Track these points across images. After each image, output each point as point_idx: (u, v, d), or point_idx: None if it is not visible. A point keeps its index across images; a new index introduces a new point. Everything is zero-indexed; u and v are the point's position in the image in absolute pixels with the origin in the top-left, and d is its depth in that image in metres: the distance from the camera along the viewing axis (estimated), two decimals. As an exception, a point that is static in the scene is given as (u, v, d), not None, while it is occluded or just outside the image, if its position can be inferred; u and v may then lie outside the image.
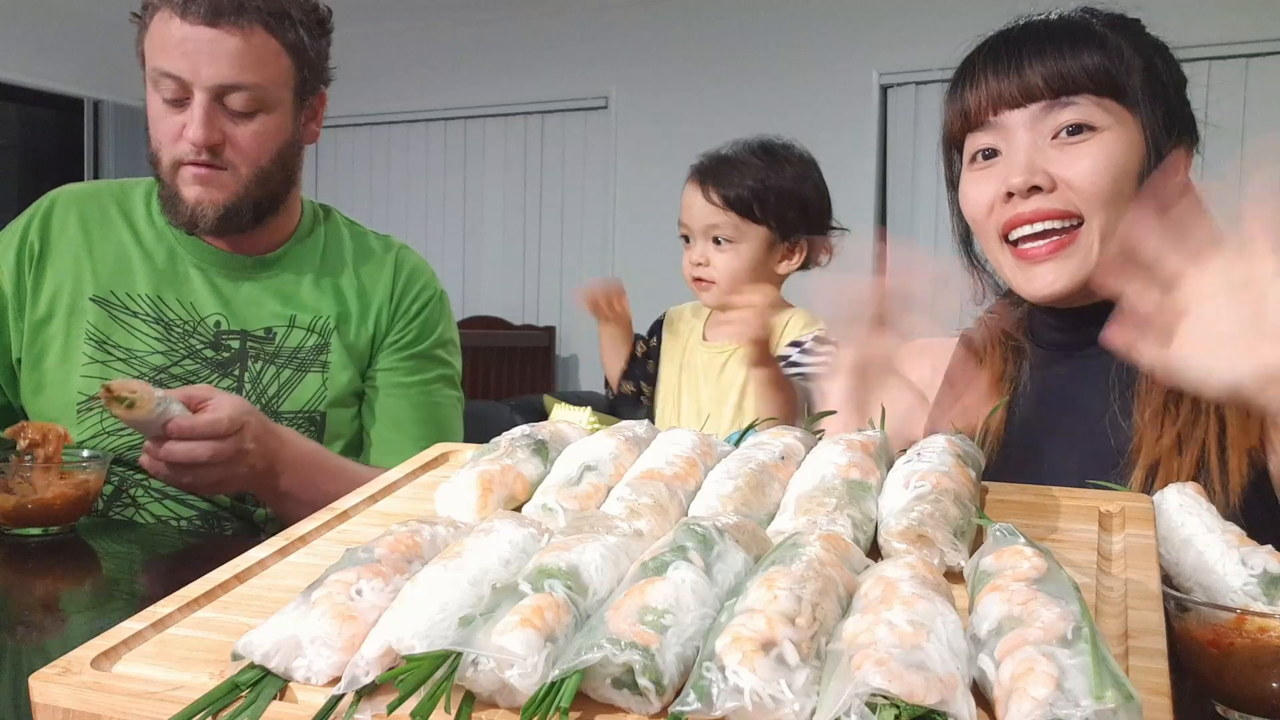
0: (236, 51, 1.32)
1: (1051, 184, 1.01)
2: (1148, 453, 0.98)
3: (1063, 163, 1.01)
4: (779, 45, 4.98)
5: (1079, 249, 1.01)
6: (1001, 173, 1.04)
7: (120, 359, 1.40)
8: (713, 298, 1.82)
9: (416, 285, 1.54)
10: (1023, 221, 1.03)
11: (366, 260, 1.53)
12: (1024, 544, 0.60)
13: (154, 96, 1.36)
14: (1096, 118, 1.01)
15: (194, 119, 1.32)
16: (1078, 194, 1.00)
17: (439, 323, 1.55)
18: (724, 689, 0.48)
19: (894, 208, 4.91)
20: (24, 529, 1.19)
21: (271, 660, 0.55)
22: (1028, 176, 1.00)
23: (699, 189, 1.79)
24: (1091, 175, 1.00)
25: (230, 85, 1.32)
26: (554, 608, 0.53)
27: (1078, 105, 1.01)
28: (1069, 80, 1.01)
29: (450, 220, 5.85)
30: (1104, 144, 1.00)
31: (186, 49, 1.30)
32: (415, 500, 0.86)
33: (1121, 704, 0.45)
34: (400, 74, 5.80)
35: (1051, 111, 1.01)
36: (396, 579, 0.60)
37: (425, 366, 1.52)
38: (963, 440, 0.80)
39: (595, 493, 0.76)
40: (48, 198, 1.48)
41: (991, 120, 1.05)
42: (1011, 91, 1.03)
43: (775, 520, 0.71)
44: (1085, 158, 1.00)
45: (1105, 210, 1.00)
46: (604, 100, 5.41)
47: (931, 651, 0.48)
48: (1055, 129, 1.01)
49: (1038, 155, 1.01)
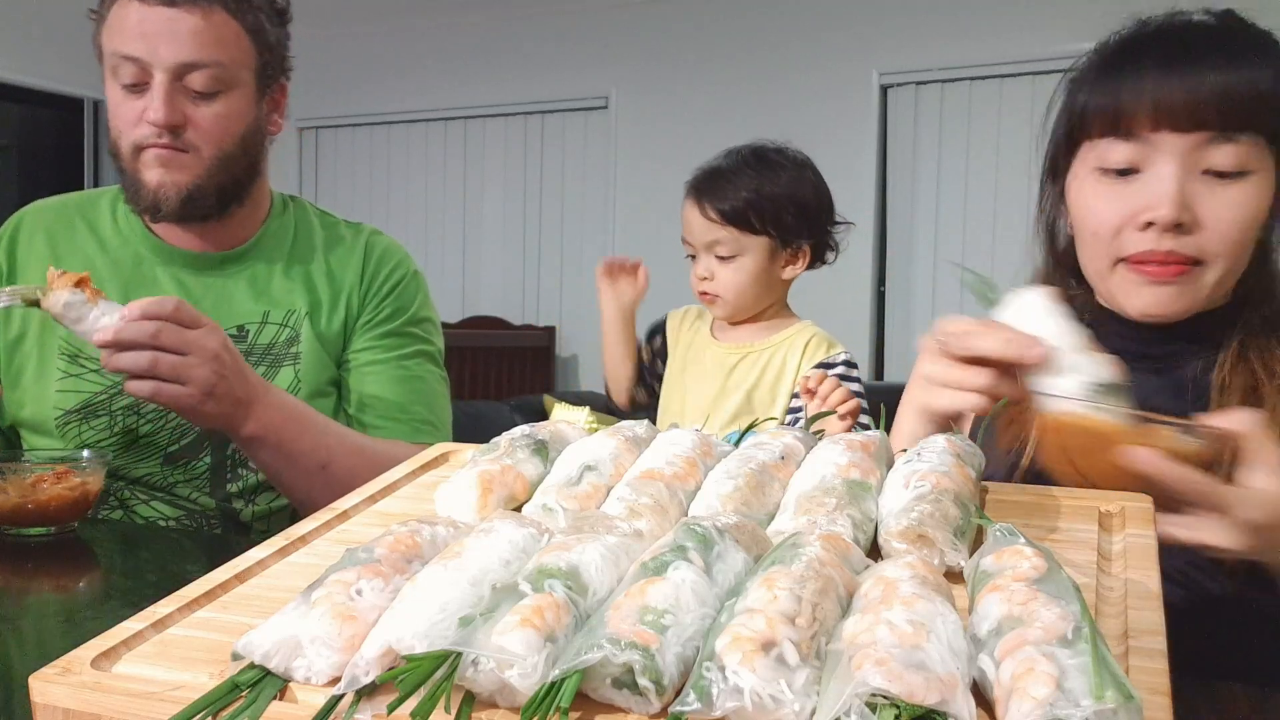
0: (196, 30, 1.30)
1: (1193, 224, 0.95)
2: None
3: (1209, 204, 0.95)
4: (779, 45, 4.99)
5: (1195, 282, 0.98)
6: (1142, 198, 0.96)
7: (94, 370, 1.39)
8: (721, 311, 1.83)
9: (387, 265, 1.52)
10: (1155, 260, 0.97)
11: (336, 247, 1.51)
12: (1024, 544, 0.60)
13: (113, 85, 1.34)
14: (1250, 161, 0.94)
15: (154, 99, 1.30)
16: (1213, 238, 0.95)
17: (413, 300, 1.52)
18: (724, 689, 0.48)
19: (894, 208, 4.91)
20: (23, 529, 1.19)
21: (271, 660, 0.55)
22: (1178, 213, 0.94)
23: (696, 205, 1.79)
24: (1235, 224, 0.95)
25: (190, 64, 1.30)
26: (554, 608, 0.53)
27: (1239, 145, 0.93)
28: (1243, 113, 0.92)
29: (450, 220, 5.85)
30: (1249, 191, 0.95)
31: (145, 30, 1.29)
32: (415, 500, 0.86)
33: (1121, 704, 0.45)
34: (400, 74, 5.80)
35: (1213, 145, 0.94)
36: (396, 579, 0.60)
37: (401, 343, 1.49)
38: (963, 440, 0.80)
39: (595, 493, 0.76)
40: (14, 218, 1.47)
41: (1147, 137, 0.95)
42: (1180, 114, 0.93)
43: (775, 520, 0.71)
44: (1234, 206, 0.94)
45: (1230, 257, 0.97)
46: (604, 100, 5.41)
47: (931, 651, 0.48)
48: (1209, 165, 0.94)
49: (1188, 189, 0.94)
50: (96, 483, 1.24)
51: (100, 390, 1.39)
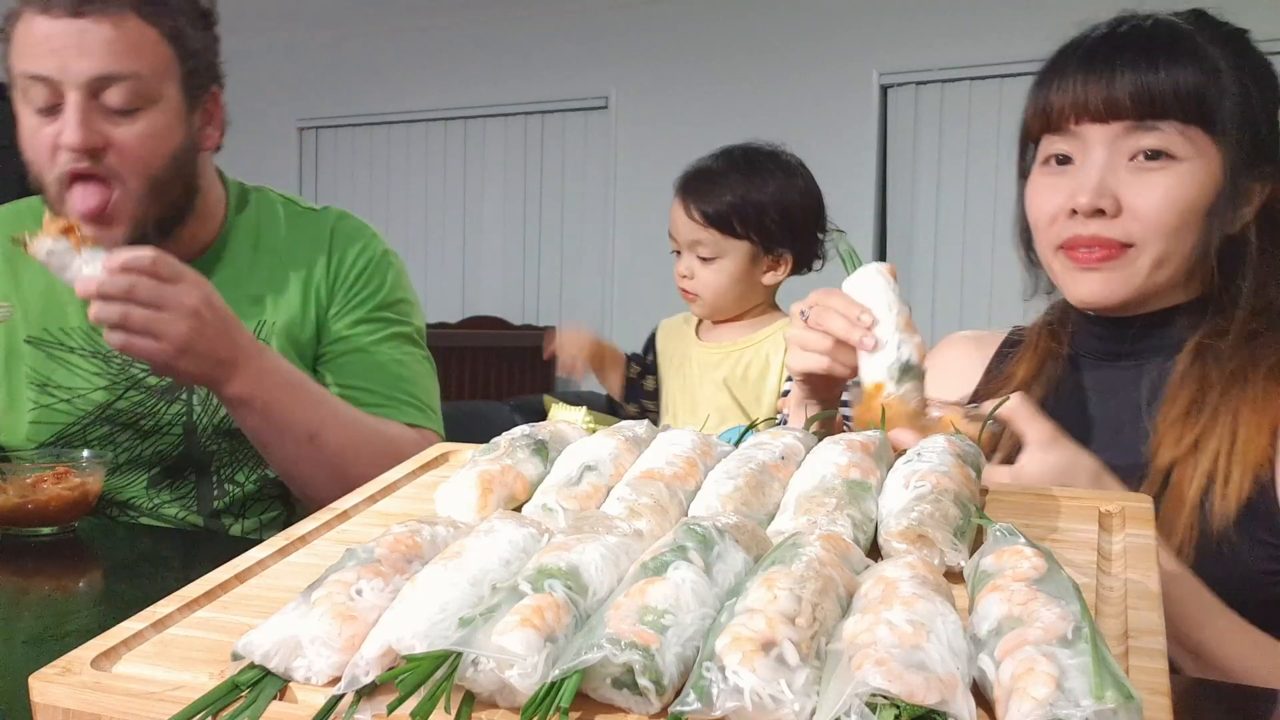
0: (108, 40, 1.19)
1: (1117, 209, 0.99)
2: (1166, 453, 0.99)
3: (1134, 189, 0.99)
4: (779, 45, 4.99)
5: (1127, 266, 1.01)
6: (1070, 186, 1.01)
7: (64, 400, 1.35)
8: (700, 309, 1.84)
9: (353, 250, 1.44)
10: (1080, 244, 1.01)
11: (301, 238, 1.43)
12: (1024, 544, 0.59)
13: (24, 110, 1.23)
14: (1178, 146, 0.98)
15: (68, 120, 1.19)
16: (1140, 223, 0.99)
17: (384, 283, 1.45)
18: (724, 689, 0.48)
19: (894, 208, 4.91)
20: (23, 529, 1.19)
21: (271, 660, 0.55)
22: (1095, 199, 0.98)
23: (681, 204, 1.79)
24: (1159, 208, 0.98)
25: (104, 77, 1.19)
26: (554, 608, 0.53)
27: (1161, 131, 0.98)
28: (1158, 102, 0.97)
29: (450, 220, 5.85)
30: (1180, 176, 0.98)
31: (53, 45, 1.18)
32: (415, 500, 0.86)
33: (1121, 704, 0.45)
34: (400, 74, 5.80)
35: (1134, 133, 0.98)
36: (396, 579, 0.60)
37: (375, 329, 1.42)
38: (963, 440, 0.80)
39: (595, 493, 0.76)
40: None
41: (1072, 129, 1.02)
42: (1097, 105, 0.99)
43: (775, 520, 0.71)
44: (1158, 188, 0.98)
45: (1164, 241, 0.99)
46: (604, 100, 5.41)
47: (931, 651, 0.48)
48: (1134, 151, 0.99)
49: (1110, 176, 0.99)
50: (96, 483, 1.24)
51: (74, 421, 1.36)
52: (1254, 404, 0.98)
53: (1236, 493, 0.95)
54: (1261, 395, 0.98)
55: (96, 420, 1.35)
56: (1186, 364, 1.02)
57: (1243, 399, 0.98)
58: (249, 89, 6.16)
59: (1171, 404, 1.01)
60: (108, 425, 1.36)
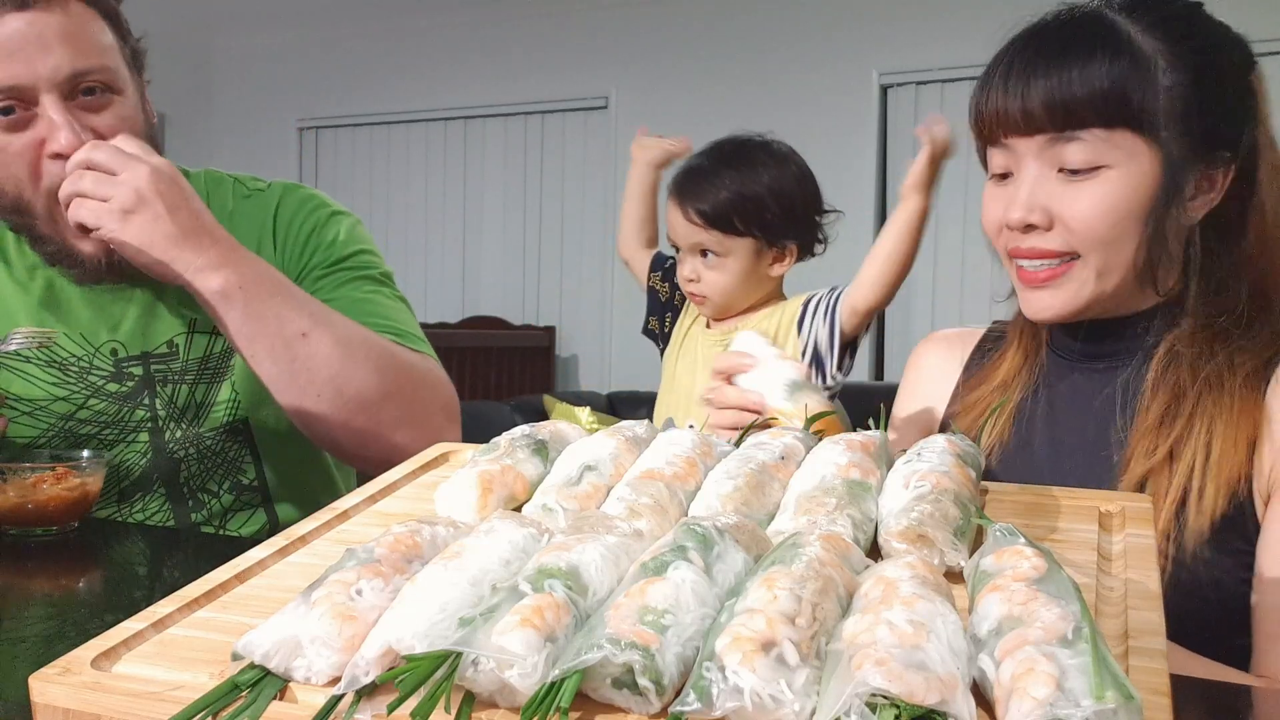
0: (64, 32, 1.11)
1: (1049, 222, 0.98)
2: (1139, 465, 0.98)
3: (1063, 201, 0.97)
4: (779, 45, 4.99)
5: (1073, 280, 0.99)
6: (1006, 199, 1.01)
7: (25, 412, 1.29)
8: (710, 310, 1.83)
9: (300, 216, 1.35)
10: (1020, 255, 1.01)
11: (248, 218, 1.34)
12: (1024, 544, 0.60)
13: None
14: (1103, 155, 0.95)
15: (55, 125, 1.12)
16: (1075, 235, 0.97)
17: (335, 238, 1.35)
18: (724, 689, 0.48)
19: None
20: (23, 529, 1.19)
21: (271, 660, 0.55)
22: (1024, 215, 0.97)
23: (679, 207, 1.78)
24: (1089, 218, 0.96)
25: (76, 73, 1.12)
26: (554, 608, 0.53)
27: (1083, 141, 0.95)
28: (1074, 113, 0.94)
29: (450, 220, 5.85)
30: (1107, 184, 0.95)
31: (10, 48, 1.10)
32: (415, 500, 0.86)
33: (1122, 704, 0.45)
34: (400, 74, 5.80)
35: (1057, 144, 0.96)
36: (396, 579, 0.60)
37: (334, 280, 1.32)
38: (963, 440, 0.80)
39: (595, 493, 0.76)
40: None
41: (1003, 142, 1.00)
42: (1015, 119, 0.97)
43: (775, 520, 0.71)
44: (1084, 199, 0.96)
45: (1103, 249, 0.97)
46: (604, 100, 5.41)
47: (931, 651, 0.48)
48: (1060, 164, 0.97)
49: (1040, 189, 0.97)
50: (96, 483, 1.24)
51: (38, 434, 1.31)
52: (1229, 415, 0.95)
53: (1211, 508, 0.93)
54: (1237, 406, 0.96)
55: (60, 432, 1.31)
56: (1159, 369, 1.00)
57: (1218, 408, 0.96)
58: (249, 89, 6.20)
59: (1145, 412, 1.00)
60: (71, 437, 1.31)
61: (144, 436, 1.34)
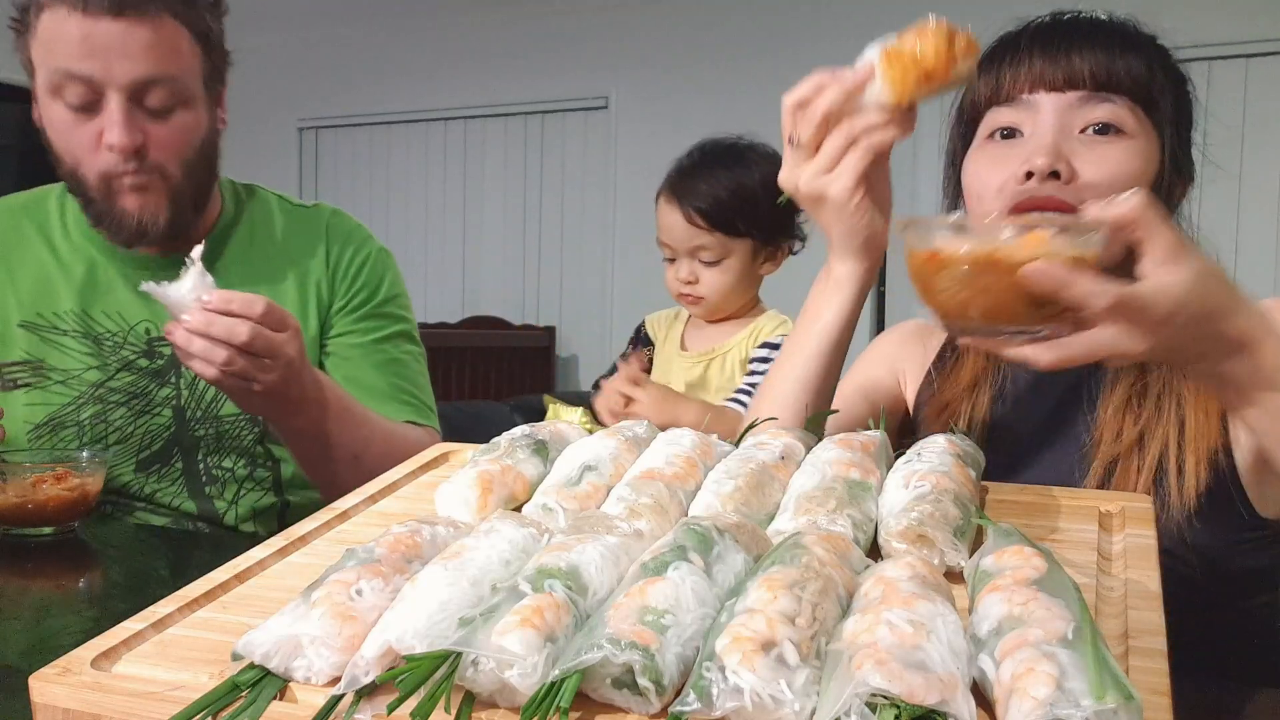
0: (149, 44, 1.22)
1: (1071, 175, 0.99)
2: (1106, 450, 0.98)
3: (1087, 159, 0.98)
4: (779, 46, 4.99)
5: None
6: (1022, 153, 1.01)
7: (59, 381, 1.36)
8: (702, 312, 1.84)
9: (351, 247, 1.47)
10: (1035, 205, 0.99)
11: (298, 234, 1.46)
12: (1024, 544, 0.60)
13: (54, 105, 1.25)
14: (1129, 122, 0.99)
15: (114, 121, 1.22)
16: (1092, 192, 0.97)
17: (383, 279, 1.48)
18: (724, 689, 0.48)
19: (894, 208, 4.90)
20: (24, 529, 1.19)
21: (271, 660, 0.55)
22: (1052, 160, 0.98)
23: (678, 210, 1.78)
24: (1111, 178, 0.98)
25: (147, 80, 1.22)
26: (554, 608, 0.53)
27: (1114, 104, 0.99)
28: (1114, 77, 0.99)
29: (450, 220, 5.85)
30: (1129, 150, 0.99)
31: (93, 45, 1.20)
32: (415, 500, 0.86)
33: (1121, 704, 0.45)
34: (400, 74, 5.80)
35: (1088, 104, 0.99)
36: (396, 579, 0.60)
37: (379, 325, 1.46)
38: (963, 440, 0.80)
39: (595, 493, 0.76)
40: None
41: (1024, 99, 1.02)
42: (1055, 75, 1.00)
43: (775, 520, 0.71)
44: (1111, 159, 0.98)
45: None
46: (604, 100, 5.41)
47: (931, 651, 0.48)
48: (1086, 123, 0.99)
49: (1064, 143, 0.99)
50: (96, 483, 1.24)
51: (68, 401, 1.37)
52: (1196, 389, 0.97)
53: (1194, 481, 0.94)
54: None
55: (90, 399, 1.37)
56: None
57: (1185, 384, 0.98)
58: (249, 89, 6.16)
59: (1110, 393, 1.01)
60: (100, 404, 1.38)
61: (168, 413, 1.40)
